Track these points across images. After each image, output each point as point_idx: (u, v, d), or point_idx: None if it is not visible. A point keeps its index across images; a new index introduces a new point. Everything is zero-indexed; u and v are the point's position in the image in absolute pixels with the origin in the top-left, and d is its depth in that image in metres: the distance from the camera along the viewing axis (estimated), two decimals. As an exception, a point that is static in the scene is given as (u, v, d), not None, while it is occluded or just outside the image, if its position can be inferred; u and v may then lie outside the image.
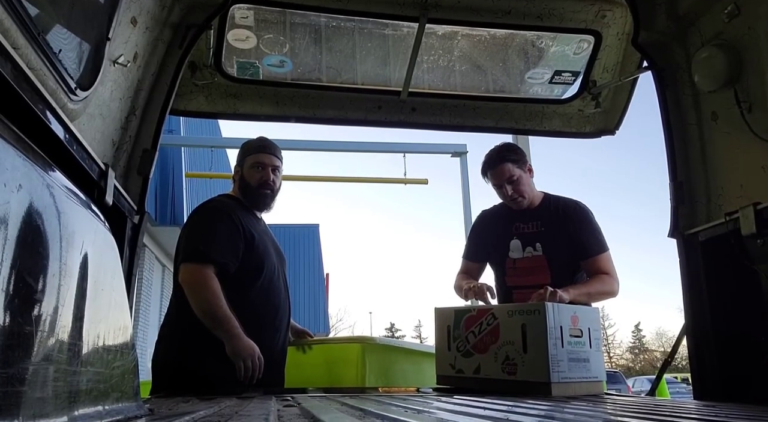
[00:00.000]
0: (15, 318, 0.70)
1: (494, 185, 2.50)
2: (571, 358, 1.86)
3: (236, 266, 2.09)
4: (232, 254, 2.08)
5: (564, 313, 1.89)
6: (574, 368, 1.87)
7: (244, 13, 2.46)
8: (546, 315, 1.82)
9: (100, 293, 1.03)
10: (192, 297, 2.02)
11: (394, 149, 7.51)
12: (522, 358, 1.85)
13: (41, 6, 1.34)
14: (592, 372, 1.93)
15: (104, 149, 1.97)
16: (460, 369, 2.03)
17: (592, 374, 1.93)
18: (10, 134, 0.78)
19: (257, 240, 2.17)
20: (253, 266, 2.14)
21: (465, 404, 1.39)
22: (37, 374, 0.75)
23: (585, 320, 1.97)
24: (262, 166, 2.26)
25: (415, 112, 2.80)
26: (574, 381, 1.85)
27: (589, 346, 1.95)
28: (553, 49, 2.72)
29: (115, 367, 1.05)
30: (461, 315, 2.06)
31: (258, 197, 2.26)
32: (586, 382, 1.90)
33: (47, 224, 0.82)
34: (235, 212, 2.17)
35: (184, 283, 2.04)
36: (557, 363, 1.80)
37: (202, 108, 2.67)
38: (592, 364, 1.94)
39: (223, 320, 1.98)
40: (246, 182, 2.26)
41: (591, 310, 2.12)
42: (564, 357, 1.84)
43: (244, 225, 2.15)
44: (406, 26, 2.57)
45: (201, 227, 2.14)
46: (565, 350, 1.84)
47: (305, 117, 2.75)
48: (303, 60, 2.71)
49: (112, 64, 1.82)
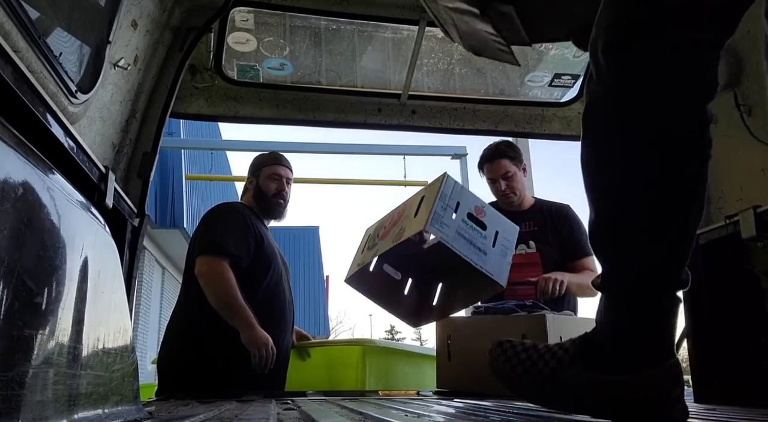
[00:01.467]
0: (14, 321, 0.70)
1: (488, 179, 2.57)
2: (460, 234, 1.66)
3: (248, 262, 2.17)
4: (245, 249, 2.17)
5: (468, 195, 1.72)
6: (462, 245, 1.65)
7: (245, 16, 2.47)
8: (443, 184, 1.67)
9: (100, 297, 1.03)
10: (209, 288, 2.09)
11: (394, 152, 7.52)
12: (410, 222, 1.70)
13: (42, 9, 1.34)
14: (486, 266, 1.67)
15: (104, 152, 1.97)
16: (361, 262, 1.89)
17: (486, 267, 1.67)
18: (10, 137, 0.78)
19: (266, 243, 2.27)
20: (262, 264, 2.23)
21: (466, 407, 1.38)
22: (37, 377, 0.75)
23: (494, 222, 1.76)
24: (278, 177, 2.40)
25: (415, 115, 2.80)
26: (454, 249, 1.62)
27: (492, 245, 1.72)
28: (553, 52, 2.73)
29: (115, 370, 1.05)
30: (381, 224, 1.94)
31: (273, 206, 2.39)
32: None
33: (47, 227, 0.82)
34: (247, 214, 2.29)
35: (201, 275, 2.11)
36: (440, 222, 1.61)
37: (202, 111, 2.68)
38: (488, 258, 1.69)
39: (240, 309, 2.06)
40: (262, 191, 2.38)
41: (506, 221, 1.83)
42: (452, 226, 1.64)
43: (255, 227, 2.25)
44: (406, 29, 2.58)
45: (217, 222, 2.24)
46: (455, 222, 1.66)
47: (305, 120, 2.75)
48: (303, 63, 2.71)
49: (112, 67, 1.82)
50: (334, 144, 7.80)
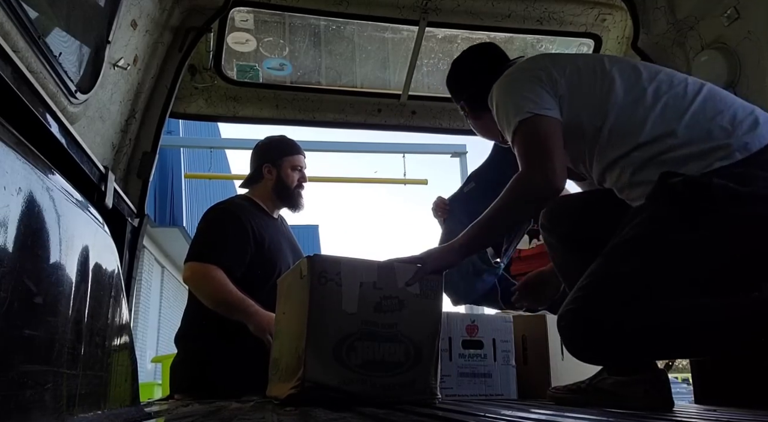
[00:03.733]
0: (14, 321, 0.70)
1: None
2: (462, 373, 1.70)
3: (242, 270, 2.09)
4: (237, 259, 2.09)
5: (455, 322, 1.73)
6: (467, 384, 1.69)
7: (244, 16, 2.47)
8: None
9: (99, 297, 1.03)
10: (199, 292, 2.04)
11: (394, 150, 7.51)
12: None
13: (42, 9, 1.34)
14: (494, 389, 1.72)
15: (104, 152, 1.97)
16: None
17: (494, 390, 1.72)
18: (10, 137, 0.78)
19: (268, 242, 2.18)
20: (263, 268, 2.15)
21: (468, 408, 1.38)
22: (36, 377, 0.75)
23: (487, 327, 1.78)
24: (300, 167, 2.34)
25: (415, 115, 2.80)
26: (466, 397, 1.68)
27: (493, 359, 1.75)
28: (553, 52, 2.72)
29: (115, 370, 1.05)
30: None
31: (296, 197, 2.32)
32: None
33: (47, 227, 0.82)
34: (246, 215, 2.18)
35: (187, 281, 2.07)
36: (441, 378, 1.61)
37: (201, 111, 2.67)
38: (495, 380, 1.73)
39: (236, 303, 1.98)
40: (285, 184, 2.30)
41: (498, 319, 1.85)
42: (452, 372, 1.68)
43: (255, 228, 2.16)
44: (405, 29, 2.57)
45: (208, 231, 2.16)
46: (454, 364, 1.69)
47: (305, 120, 2.75)
48: (303, 63, 2.71)
49: (112, 67, 1.82)
50: (333, 142, 7.80)
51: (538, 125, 1.39)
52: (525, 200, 1.41)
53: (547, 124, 1.39)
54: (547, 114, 1.39)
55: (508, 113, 1.44)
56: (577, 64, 1.47)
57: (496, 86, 1.53)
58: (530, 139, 1.40)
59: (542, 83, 1.42)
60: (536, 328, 1.85)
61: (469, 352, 1.73)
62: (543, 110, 1.39)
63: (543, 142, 1.38)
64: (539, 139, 1.38)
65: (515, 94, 1.45)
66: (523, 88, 1.44)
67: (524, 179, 1.39)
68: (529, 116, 1.38)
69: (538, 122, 1.38)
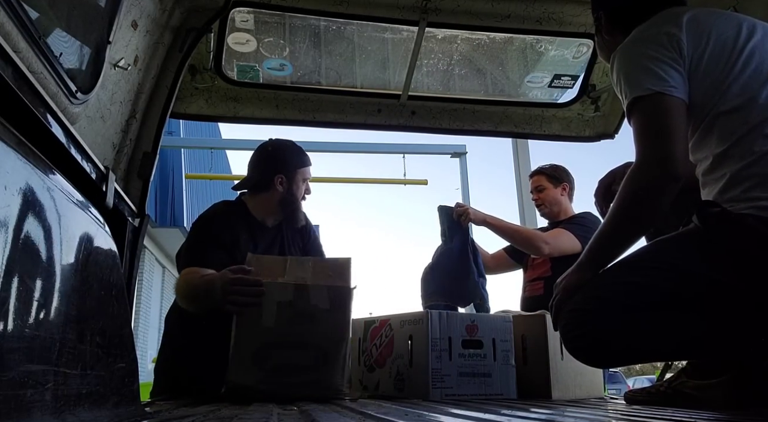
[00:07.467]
0: (14, 321, 0.70)
1: (530, 190, 3.01)
2: (462, 372, 1.71)
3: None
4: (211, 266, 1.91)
5: (455, 321, 1.74)
6: (467, 383, 1.70)
7: (245, 17, 2.47)
8: (429, 325, 1.68)
9: (100, 297, 1.03)
10: (177, 297, 1.94)
11: (394, 150, 7.52)
12: (409, 373, 1.73)
13: (42, 9, 1.34)
14: (494, 389, 1.74)
15: (105, 153, 1.97)
16: (366, 385, 1.91)
17: (494, 390, 1.74)
18: (11, 137, 0.78)
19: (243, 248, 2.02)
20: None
21: (468, 408, 1.39)
22: (37, 377, 0.75)
23: (487, 326, 1.78)
24: (307, 178, 2.22)
25: (414, 115, 2.80)
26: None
27: (493, 359, 1.76)
28: (553, 52, 2.73)
29: (115, 370, 1.05)
30: (368, 327, 1.95)
31: (299, 212, 2.20)
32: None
33: (47, 227, 0.82)
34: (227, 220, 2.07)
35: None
36: (441, 378, 1.66)
37: (202, 111, 2.68)
38: (494, 379, 1.75)
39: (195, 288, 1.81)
40: (294, 196, 2.17)
41: (498, 319, 1.85)
42: (452, 372, 1.69)
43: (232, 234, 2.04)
44: (405, 30, 2.58)
45: (187, 242, 2.08)
46: (454, 363, 1.70)
47: (305, 120, 2.75)
48: (303, 63, 2.71)
49: (112, 67, 1.82)
50: (333, 143, 7.81)
51: (659, 104, 1.24)
52: (640, 193, 1.24)
53: (670, 103, 1.24)
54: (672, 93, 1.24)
55: (628, 85, 1.29)
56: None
57: (619, 48, 1.36)
58: (648, 120, 1.25)
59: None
60: (536, 328, 1.85)
61: (468, 352, 1.74)
62: (669, 88, 1.24)
63: (663, 122, 1.23)
64: (658, 119, 1.23)
65: (636, 64, 1.29)
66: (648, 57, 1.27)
67: (637, 168, 1.24)
68: (649, 93, 1.24)
69: (659, 101, 1.24)
